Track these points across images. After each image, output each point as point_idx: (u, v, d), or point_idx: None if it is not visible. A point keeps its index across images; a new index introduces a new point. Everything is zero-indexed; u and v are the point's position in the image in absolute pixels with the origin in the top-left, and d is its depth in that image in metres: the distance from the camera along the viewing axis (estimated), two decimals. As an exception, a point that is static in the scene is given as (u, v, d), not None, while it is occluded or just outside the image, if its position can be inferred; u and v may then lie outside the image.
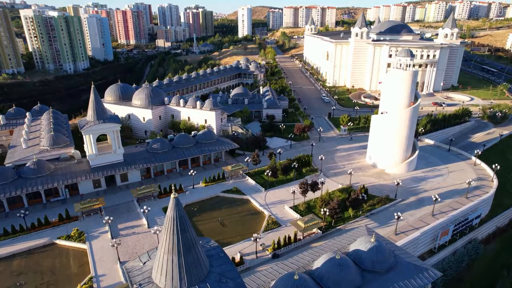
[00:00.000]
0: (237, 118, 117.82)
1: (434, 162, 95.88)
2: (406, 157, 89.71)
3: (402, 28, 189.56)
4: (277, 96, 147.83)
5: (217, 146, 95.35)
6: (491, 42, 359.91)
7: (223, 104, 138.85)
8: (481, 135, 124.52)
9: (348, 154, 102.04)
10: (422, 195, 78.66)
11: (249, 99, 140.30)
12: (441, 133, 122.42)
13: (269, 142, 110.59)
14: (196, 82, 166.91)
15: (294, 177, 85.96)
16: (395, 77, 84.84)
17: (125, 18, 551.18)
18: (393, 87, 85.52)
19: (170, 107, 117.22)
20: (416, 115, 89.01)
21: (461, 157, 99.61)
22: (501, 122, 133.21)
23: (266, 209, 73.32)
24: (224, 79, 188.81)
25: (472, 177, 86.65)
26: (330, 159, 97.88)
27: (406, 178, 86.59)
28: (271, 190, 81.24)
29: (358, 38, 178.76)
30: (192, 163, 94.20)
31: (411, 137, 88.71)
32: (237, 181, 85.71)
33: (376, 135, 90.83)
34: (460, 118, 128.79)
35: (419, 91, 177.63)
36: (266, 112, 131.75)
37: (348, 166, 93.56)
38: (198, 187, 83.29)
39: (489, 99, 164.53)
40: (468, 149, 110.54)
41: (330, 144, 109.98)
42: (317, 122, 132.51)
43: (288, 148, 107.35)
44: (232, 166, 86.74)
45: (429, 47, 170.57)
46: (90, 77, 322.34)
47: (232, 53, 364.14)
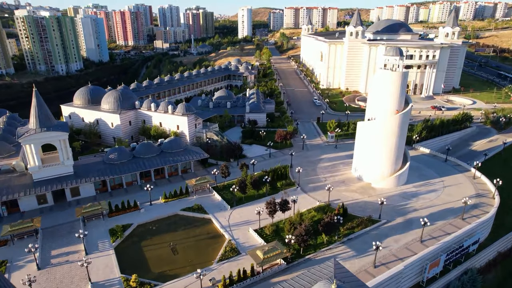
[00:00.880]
0: (214, 124, 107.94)
1: (429, 175, 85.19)
2: (395, 170, 79.22)
3: (400, 27, 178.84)
4: (263, 99, 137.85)
5: (184, 156, 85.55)
6: (497, 43, 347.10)
7: (204, 108, 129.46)
8: (483, 142, 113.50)
9: (332, 164, 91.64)
10: (411, 215, 68.09)
11: (232, 103, 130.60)
12: (439, 141, 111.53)
13: (247, 151, 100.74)
14: (180, 84, 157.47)
15: (266, 192, 75.82)
16: (382, 79, 74.55)
17: (124, 19, 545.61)
18: (381, 91, 75.22)
19: (141, 111, 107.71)
20: (407, 122, 78.52)
21: (459, 169, 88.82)
22: (505, 128, 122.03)
23: (228, 232, 63.27)
24: (212, 81, 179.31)
25: (470, 193, 76.08)
26: (312, 171, 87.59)
27: (394, 194, 76.06)
28: (238, 208, 71.17)
29: (353, 37, 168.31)
30: (156, 175, 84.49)
31: (401, 147, 78.23)
32: (203, 197, 75.81)
33: (362, 145, 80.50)
34: (460, 124, 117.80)
35: (418, 94, 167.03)
36: (248, 116, 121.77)
37: (331, 179, 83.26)
38: (156, 203, 73.48)
39: (493, 102, 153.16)
40: (468, 159, 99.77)
41: (314, 153, 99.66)
42: (304, 128, 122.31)
43: (267, 157, 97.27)
44: (196, 180, 76.80)
45: (428, 47, 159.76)
46: (82, 78, 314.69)
47: (229, 54, 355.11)
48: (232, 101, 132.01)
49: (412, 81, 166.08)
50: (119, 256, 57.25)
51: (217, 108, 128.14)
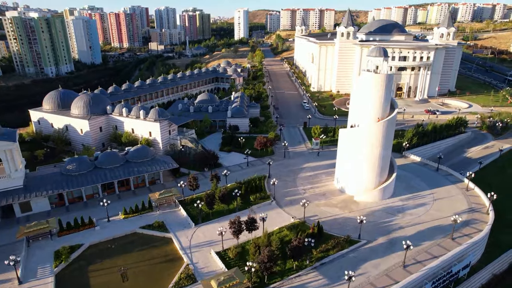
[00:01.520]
0: (190, 130, 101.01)
1: (418, 186, 78.15)
2: (380, 182, 72.19)
3: (394, 27, 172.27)
4: (248, 103, 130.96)
5: (151, 166, 78.56)
6: (495, 44, 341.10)
7: (184, 112, 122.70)
8: (478, 149, 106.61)
9: (314, 174, 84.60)
10: (395, 234, 60.99)
11: (214, 107, 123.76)
12: (431, 147, 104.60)
13: (224, 159, 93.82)
14: (162, 87, 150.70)
15: (237, 207, 68.73)
16: (365, 82, 67.64)
17: (118, 21, 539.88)
18: (363, 95, 68.29)
19: (113, 117, 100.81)
20: (393, 130, 71.54)
21: (451, 179, 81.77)
22: (501, 133, 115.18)
23: (187, 255, 56.23)
24: (198, 84, 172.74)
25: (462, 208, 69.07)
26: (291, 182, 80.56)
27: (378, 208, 69.01)
28: (204, 226, 64.10)
29: (344, 38, 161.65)
30: (121, 187, 77.46)
31: (386, 156, 71.24)
32: (167, 212, 68.78)
33: (344, 154, 73.51)
34: (454, 129, 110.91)
35: (412, 97, 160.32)
36: (229, 122, 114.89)
37: (311, 191, 76.22)
38: (115, 219, 66.43)
39: (490, 106, 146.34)
40: (462, 167, 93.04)
41: (296, 161, 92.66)
42: (289, 133, 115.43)
43: (245, 166, 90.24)
44: (161, 193, 69.74)
45: (422, 48, 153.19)
46: (72, 81, 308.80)
47: (222, 56, 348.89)
48: (215, 105, 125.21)
49: (406, 84, 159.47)
50: (59, 285, 50.21)
51: (198, 113, 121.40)
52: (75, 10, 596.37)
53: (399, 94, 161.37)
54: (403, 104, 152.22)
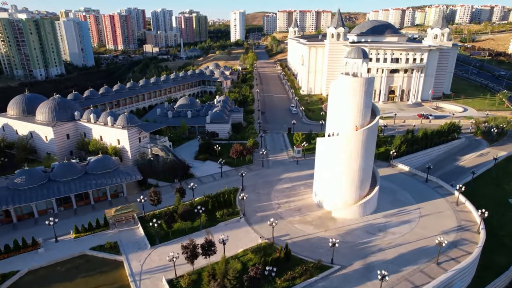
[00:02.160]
0: (163, 137, 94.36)
1: (404, 200, 71.45)
2: (360, 196, 65.51)
3: (386, 28, 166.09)
4: (231, 107, 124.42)
5: (112, 178, 71.90)
6: (493, 46, 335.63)
7: (162, 117, 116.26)
8: (472, 157, 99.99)
9: (292, 186, 77.91)
10: (373, 257, 54.23)
11: (193, 112, 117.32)
12: (422, 155, 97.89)
13: (198, 168, 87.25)
14: (143, 91, 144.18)
15: (201, 225, 61.99)
16: (342, 87, 61.08)
17: (113, 23, 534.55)
18: (340, 101, 61.70)
19: (81, 123, 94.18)
20: (374, 138, 64.94)
21: (440, 192, 75.08)
22: (497, 140, 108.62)
23: (135, 282, 49.49)
24: (184, 87, 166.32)
25: (450, 225, 62.39)
26: (265, 195, 73.85)
27: (358, 226, 62.28)
28: (161, 247, 57.34)
29: (334, 39, 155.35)
30: (80, 201, 70.78)
31: (367, 168, 64.58)
32: (125, 230, 62.06)
33: (321, 165, 66.82)
34: (447, 135, 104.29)
35: (405, 100, 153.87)
36: (208, 128, 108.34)
37: (285, 205, 69.53)
38: (65, 239, 59.72)
39: (486, 110, 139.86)
40: (454, 177, 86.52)
41: (274, 171, 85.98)
42: (272, 140, 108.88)
43: (219, 177, 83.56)
44: (117, 209, 63.05)
45: (415, 50, 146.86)
46: (62, 83, 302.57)
47: (215, 58, 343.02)
48: (194, 110, 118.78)
49: (399, 87, 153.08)
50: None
51: (177, 118, 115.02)
52: (70, 12, 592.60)
53: (391, 97, 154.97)
54: (395, 108, 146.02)
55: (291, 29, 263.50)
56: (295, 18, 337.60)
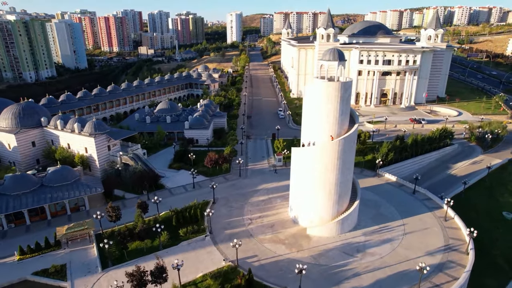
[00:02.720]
0: (136, 145, 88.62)
1: (388, 215, 65.62)
2: (338, 212, 59.70)
3: (378, 29, 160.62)
4: (213, 112, 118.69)
5: (71, 191, 66.18)
6: (491, 48, 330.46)
7: (140, 123, 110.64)
8: (465, 164, 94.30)
9: (268, 199, 72.11)
10: (347, 284, 48.35)
11: (173, 117, 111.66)
12: (412, 163, 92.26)
13: (170, 179, 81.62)
14: (125, 94, 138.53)
15: (160, 245, 56.11)
16: (316, 92, 55.39)
17: (108, 25, 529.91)
18: (314, 107, 56.00)
19: (48, 130, 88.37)
20: (353, 149, 59.12)
21: (428, 205, 69.29)
22: (491, 146, 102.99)
23: (75, 316, 43.70)
24: (169, 90, 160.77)
25: (437, 245, 56.61)
26: (237, 209, 68.03)
27: (334, 245, 56.44)
28: (113, 270, 51.51)
29: (324, 41, 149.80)
30: (35, 216, 64.98)
31: (345, 181, 58.79)
32: (77, 250, 56.24)
33: (296, 177, 61.06)
34: (438, 142, 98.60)
35: (398, 103, 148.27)
36: (187, 134, 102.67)
37: (258, 221, 63.72)
38: (7, 261, 53.88)
39: (481, 114, 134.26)
40: (444, 188, 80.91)
41: (252, 182, 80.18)
42: (254, 146, 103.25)
43: (191, 188, 77.75)
44: (69, 227, 57.23)
45: (408, 51, 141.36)
46: (52, 86, 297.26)
47: (209, 60, 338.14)
48: (174, 115, 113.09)
49: (391, 90, 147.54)
50: None
51: (156, 123, 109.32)
52: (65, 14, 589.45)
53: (384, 101, 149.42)
54: (387, 111, 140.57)
55: (284, 31, 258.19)
56: (289, 20, 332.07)
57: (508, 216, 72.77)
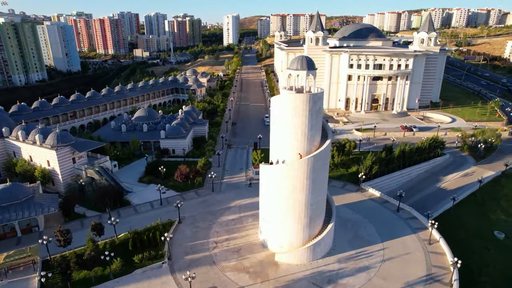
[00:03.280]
0: (105, 157, 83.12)
1: (367, 237, 59.98)
2: (310, 236, 54.07)
3: (370, 32, 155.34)
4: (193, 119, 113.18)
5: (19, 212, 60.48)
6: (489, 50, 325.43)
7: (116, 131, 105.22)
8: (456, 176, 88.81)
9: (239, 218, 66.54)
10: (313, 324, 42.77)
11: (150, 125, 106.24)
12: (399, 176, 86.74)
13: (138, 194, 76.09)
14: (104, 100, 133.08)
15: (111, 274, 50.44)
16: (281, 105, 49.83)
17: (103, 27, 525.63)
18: (281, 122, 50.45)
19: (9, 141, 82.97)
20: (325, 166, 53.53)
21: (413, 225, 63.69)
22: (484, 156, 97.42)
23: None
24: (154, 95, 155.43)
25: (418, 273, 51.01)
26: (204, 229, 62.43)
27: (304, 275, 50.75)
28: (51, 307, 45.93)
29: (313, 44, 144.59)
30: (-20, 238, 59.38)
31: (318, 203, 53.20)
32: (18, 280, 50.60)
33: (265, 197, 55.46)
34: (429, 152, 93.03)
35: (390, 109, 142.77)
36: (163, 143, 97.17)
37: (224, 244, 58.08)
38: None
39: (475, 120, 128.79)
40: (432, 204, 75.57)
41: (225, 198, 74.60)
42: (234, 157, 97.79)
43: (158, 204, 72.15)
44: (9, 254, 51.59)
45: (399, 55, 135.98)
46: (42, 89, 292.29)
47: (202, 63, 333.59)
48: (152, 123, 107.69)
49: (383, 95, 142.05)
50: None
51: (133, 132, 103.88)
52: (61, 16, 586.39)
53: (375, 106, 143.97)
54: (378, 118, 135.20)
55: (277, 33, 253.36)
56: (284, 22, 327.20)
57: (499, 236, 67.18)
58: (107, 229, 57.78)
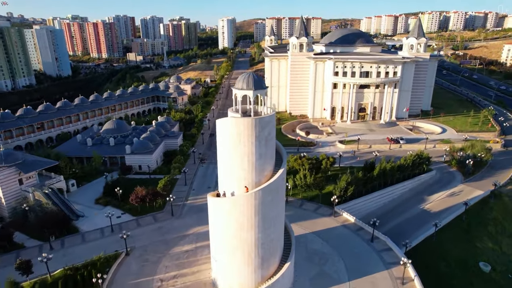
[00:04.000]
0: (58, 176, 76.37)
1: (333, 274, 53.15)
2: (263, 277, 47.20)
3: (358, 37, 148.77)
4: (165, 132, 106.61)
5: None
6: (486, 54, 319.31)
7: (81, 145, 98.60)
8: (442, 196, 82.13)
9: (194, 249, 59.74)
10: None
11: (118, 139, 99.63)
12: (379, 197, 79.83)
13: (91, 218, 69.62)
14: (76, 110, 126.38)
15: (27, 326, 43.72)
16: (226, 131, 43.13)
17: (97, 31, 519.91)
18: (226, 149, 43.74)
19: (-47, 159, 76.09)
20: (278, 199, 46.70)
21: (387, 259, 56.84)
22: (473, 173, 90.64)
23: None
24: (133, 104, 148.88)
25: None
26: (152, 263, 55.60)
27: (253, 326, 43.95)
28: None
29: (297, 51, 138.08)
30: None
31: (269, 241, 46.33)
32: None
33: (213, 232, 48.60)
34: (412, 170, 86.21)
35: (378, 119, 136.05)
36: (128, 160, 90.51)
37: (171, 283, 51.25)
38: None
39: (467, 130, 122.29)
40: (412, 230, 68.95)
41: (184, 223, 67.80)
42: (205, 174, 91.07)
43: (109, 231, 65.33)
44: None
45: (387, 62, 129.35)
46: (29, 95, 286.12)
47: (193, 68, 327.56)
48: (120, 136, 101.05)
49: (370, 104, 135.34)
50: None
51: (98, 146, 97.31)
52: (55, 20, 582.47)
53: (362, 116, 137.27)
54: (365, 128, 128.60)
55: (267, 38, 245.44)
56: (276, 25, 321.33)
57: (485, 268, 60.52)
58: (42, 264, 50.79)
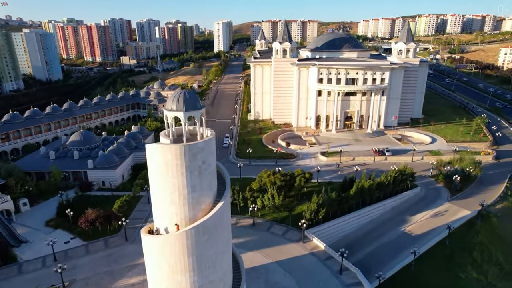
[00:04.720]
0: (5, 196, 70.09)
1: (292, 314, 46.73)
2: (204, 326, 40.75)
3: (344, 42, 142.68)
4: (136, 143, 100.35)
5: None
6: (483, 57, 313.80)
7: (43, 159, 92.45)
8: (426, 217, 75.86)
9: (141, 282, 53.36)
10: None
11: (83, 152, 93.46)
12: (357, 218, 73.50)
13: (35, 244, 63.18)
14: (47, 120, 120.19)
15: None
16: (154, 159, 36.75)
17: (90, 34, 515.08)
18: (156, 179, 37.41)
19: None
20: (220, 235, 40.34)
21: (354, 295, 50.48)
22: (461, 189, 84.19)
23: None
24: (111, 112, 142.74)
25: None
26: (87, 304, 49.24)
27: None
28: None
29: (280, 56, 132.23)
30: None
31: (210, 283, 39.98)
32: None
33: (149, 271, 42.18)
34: (394, 188, 79.78)
35: (365, 127, 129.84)
36: (90, 175, 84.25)
37: (103, 329, 44.85)
38: None
39: (458, 140, 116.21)
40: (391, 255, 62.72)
41: (136, 250, 60.56)
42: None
43: (52, 261, 58.96)
44: None
45: (374, 68, 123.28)
46: (16, 99, 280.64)
47: (185, 72, 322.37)
48: (86, 148, 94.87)
49: (357, 112, 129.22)
50: None
51: (61, 160, 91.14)
52: (49, 23, 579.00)
53: (348, 124, 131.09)
54: (351, 138, 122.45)
55: (258, 42, 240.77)
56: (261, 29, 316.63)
57: (468, 303, 54.05)
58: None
